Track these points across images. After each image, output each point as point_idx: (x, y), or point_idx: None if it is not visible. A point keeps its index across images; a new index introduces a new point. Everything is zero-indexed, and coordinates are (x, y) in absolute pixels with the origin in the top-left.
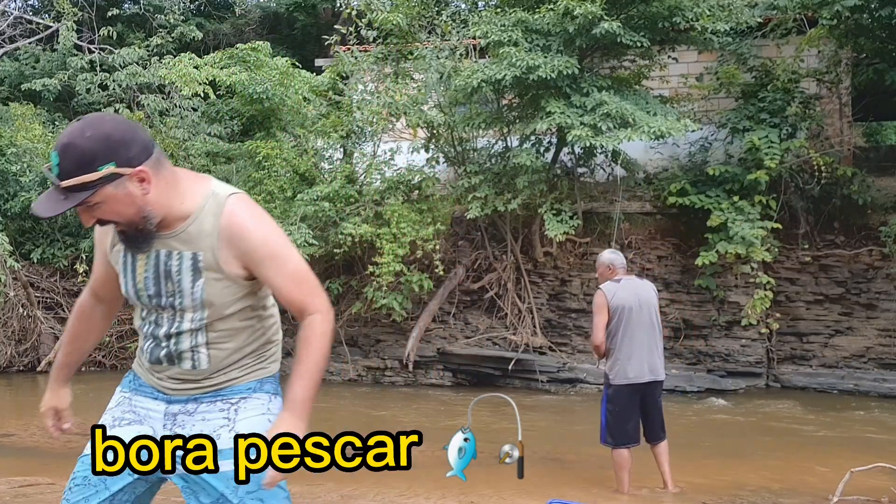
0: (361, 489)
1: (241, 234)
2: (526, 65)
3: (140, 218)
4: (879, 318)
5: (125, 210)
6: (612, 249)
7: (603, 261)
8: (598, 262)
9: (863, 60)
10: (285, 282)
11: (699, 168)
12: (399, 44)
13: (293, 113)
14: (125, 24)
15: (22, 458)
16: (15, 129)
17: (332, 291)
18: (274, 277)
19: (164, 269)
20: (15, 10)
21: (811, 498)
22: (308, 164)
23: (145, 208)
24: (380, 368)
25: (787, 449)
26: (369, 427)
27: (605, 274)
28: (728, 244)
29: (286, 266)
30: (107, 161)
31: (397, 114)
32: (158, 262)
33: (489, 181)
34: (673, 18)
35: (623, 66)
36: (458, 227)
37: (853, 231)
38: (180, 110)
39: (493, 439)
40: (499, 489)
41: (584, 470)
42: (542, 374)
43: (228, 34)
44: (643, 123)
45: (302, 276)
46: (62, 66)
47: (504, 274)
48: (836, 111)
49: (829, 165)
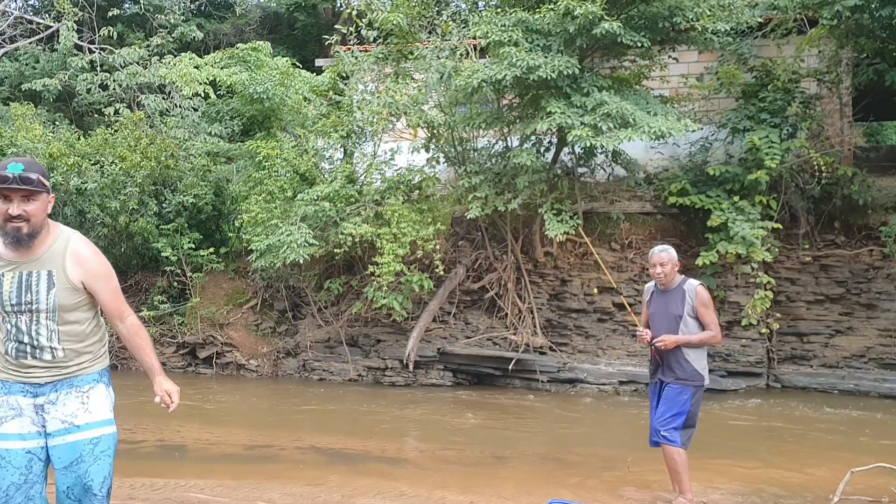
0: (362, 489)
1: (83, 258)
2: (526, 65)
3: (39, 223)
4: (880, 318)
5: (41, 213)
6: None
7: (673, 255)
8: (668, 256)
9: (863, 60)
10: (109, 295)
11: (699, 168)
12: (399, 44)
13: (293, 113)
14: (125, 24)
15: None
16: (15, 129)
17: (333, 291)
18: (102, 291)
19: (25, 283)
20: (15, 10)
21: (812, 498)
22: (308, 164)
23: (44, 219)
24: (380, 368)
25: (788, 449)
26: (370, 429)
27: (674, 270)
28: (728, 244)
29: (109, 283)
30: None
31: (397, 114)
32: (20, 279)
33: (489, 181)
34: (673, 18)
35: (623, 66)
36: (458, 227)
37: (853, 231)
38: (181, 110)
39: (492, 440)
40: (499, 489)
41: (585, 470)
42: (542, 374)
43: (229, 34)
44: (643, 123)
45: (119, 292)
46: (62, 66)
47: (504, 274)
48: (836, 111)
49: (830, 165)
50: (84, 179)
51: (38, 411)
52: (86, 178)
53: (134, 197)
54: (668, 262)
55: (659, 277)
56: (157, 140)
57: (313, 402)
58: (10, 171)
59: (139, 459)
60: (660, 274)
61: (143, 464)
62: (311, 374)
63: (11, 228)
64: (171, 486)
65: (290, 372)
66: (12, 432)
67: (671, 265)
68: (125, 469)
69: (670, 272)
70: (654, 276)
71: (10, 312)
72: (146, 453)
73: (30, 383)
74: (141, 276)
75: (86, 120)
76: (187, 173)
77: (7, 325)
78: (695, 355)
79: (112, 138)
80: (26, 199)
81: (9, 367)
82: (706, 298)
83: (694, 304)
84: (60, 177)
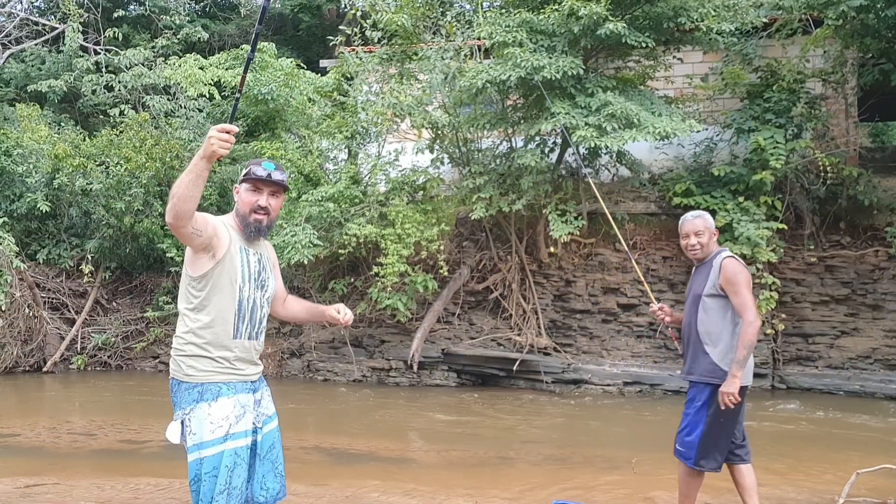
0: (367, 489)
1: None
2: (531, 65)
3: (275, 218)
4: (885, 318)
5: (278, 210)
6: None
7: (709, 222)
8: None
9: (868, 61)
10: (279, 280)
11: (704, 168)
12: (404, 44)
13: (298, 114)
14: (131, 25)
15: (28, 457)
16: (21, 130)
17: (337, 292)
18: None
19: (262, 264)
20: (21, 11)
21: (817, 499)
22: (313, 165)
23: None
24: (384, 369)
25: (793, 450)
26: (374, 429)
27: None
28: (733, 245)
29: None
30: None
31: (402, 114)
32: (261, 257)
33: (494, 182)
34: (678, 19)
35: (628, 66)
36: (462, 227)
37: (859, 232)
38: (185, 111)
39: (497, 440)
40: (503, 489)
41: (590, 471)
42: (546, 375)
43: (233, 35)
44: (648, 124)
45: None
46: (68, 68)
47: (508, 275)
48: (841, 111)
49: (835, 166)
50: (89, 180)
51: (255, 406)
52: (91, 179)
53: (139, 198)
54: (705, 231)
55: (694, 252)
56: (161, 141)
57: (318, 403)
58: (266, 167)
59: (144, 459)
60: (695, 246)
61: (148, 464)
62: (316, 374)
63: (254, 220)
64: (177, 486)
65: (295, 372)
66: (241, 430)
67: (708, 234)
68: (130, 469)
69: (707, 242)
70: (689, 251)
71: (254, 288)
72: (151, 453)
73: (248, 381)
74: (146, 276)
75: (91, 121)
76: None
77: (244, 302)
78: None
79: (117, 139)
80: (273, 195)
81: (228, 369)
82: (732, 273)
83: (717, 281)
84: (66, 178)
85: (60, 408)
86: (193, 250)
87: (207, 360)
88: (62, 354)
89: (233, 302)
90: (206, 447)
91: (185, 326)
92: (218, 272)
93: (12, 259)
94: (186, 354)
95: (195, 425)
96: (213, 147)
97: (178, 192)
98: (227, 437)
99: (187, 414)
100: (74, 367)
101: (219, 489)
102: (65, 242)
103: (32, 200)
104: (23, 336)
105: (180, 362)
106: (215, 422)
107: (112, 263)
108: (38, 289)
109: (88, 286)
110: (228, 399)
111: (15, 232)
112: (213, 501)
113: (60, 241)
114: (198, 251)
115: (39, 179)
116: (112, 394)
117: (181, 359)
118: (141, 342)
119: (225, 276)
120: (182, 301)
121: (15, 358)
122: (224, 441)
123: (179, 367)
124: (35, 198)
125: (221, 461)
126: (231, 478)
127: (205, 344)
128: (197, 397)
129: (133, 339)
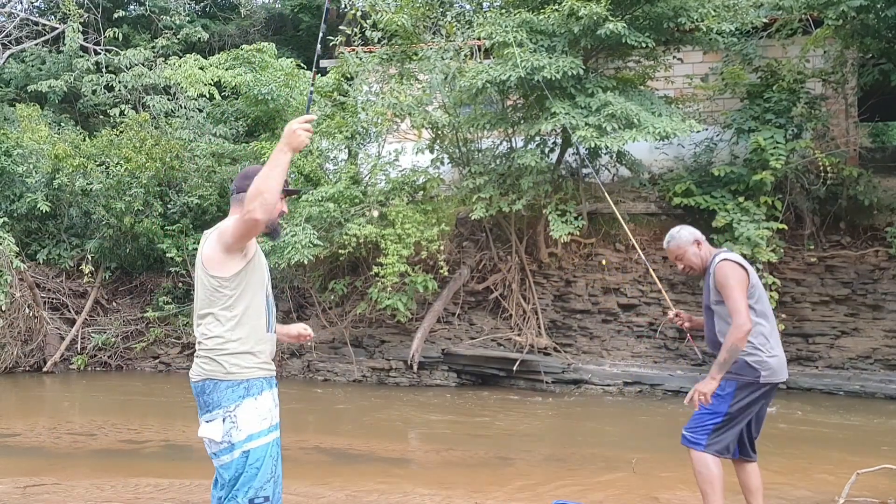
0: (366, 489)
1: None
2: (531, 65)
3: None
4: (886, 318)
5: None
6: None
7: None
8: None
9: (869, 61)
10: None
11: (704, 169)
12: (404, 45)
13: (298, 114)
14: (131, 25)
15: (28, 457)
16: (21, 130)
17: (337, 292)
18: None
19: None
20: (21, 11)
21: (817, 499)
22: (313, 165)
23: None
24: (384, 369)
25: (793, 450)
26: (374, 429)
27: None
28: (733, 245)
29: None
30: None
31: (402, 115)
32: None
33: (494, 182)
34: (678, 19)
35: (628, 66)
36: (462, 227)
37: (859, 232)
38: (186, 111)
39: (497, 440)
40: (503, 489)
41: (590, 471)
42: (546, 375)
43: (234, 35)
44: (648, 124)
45: None
46: (68, 68)
47: (509, 275)
48: (841, 111)
49: (835, 166)
50: (89, 180)
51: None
52: (91, 179)
53: (139, 198)
54: (684, 251)
55: (690, 272)
56: (162, 141)
57: (318, 403)
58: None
59: (144, 459)
60: (685, 269)
61: (148, 464)
62: (316, 374)
63: (278, 224)
64: (177, 486)
65: (295, 373)
66: (277, 422)
67: (689, 251)
68: (130, 469)
69: (693, 257)
70: (685, 273)
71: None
72: (151, 453)
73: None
74: (146, 276)
75: (91, 121)
76: (192, 174)
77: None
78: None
79: (117, 139)
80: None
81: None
82: (722, 277)
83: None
84: (66, 178)
85: (60, 408)
86: (235, 250)
87: (250, 356)
88: (62, 354)
89: (263, 297)
90: (255, 439)
91: (222, 326)
92: (251, 269)
93: (12, 259)
94: (229, 353)
95: (241, 421)
96: (300, 138)
97: (268, 186)
98: (271, 428)
99: (231, 411)
100: (74, 368)
101: (267, 477)
102: (65, 242)
103: (32, 200)
104: (23, 336)
105: (221, 361)
106: (261, 414)
107: (112, 263)
108: (38, 289)
109: (88, 286)
110: (269, 392)
111: (15, 232)
112: (262, 489)
113: (60, 242)
114: (235, 251)
115: (39, 179)
116: (112, 394)
117: (223, 358)
118: (141, 342)
119: (257, 273)
120: (212, 304)
121: (15, 358)
122: (270, 432)
123: (221, 366)
124: (35, 198)
125: (268, 451)
126: (276, 466)
127: (246, 340)
128: (243, 393)
129: (133, 339)
